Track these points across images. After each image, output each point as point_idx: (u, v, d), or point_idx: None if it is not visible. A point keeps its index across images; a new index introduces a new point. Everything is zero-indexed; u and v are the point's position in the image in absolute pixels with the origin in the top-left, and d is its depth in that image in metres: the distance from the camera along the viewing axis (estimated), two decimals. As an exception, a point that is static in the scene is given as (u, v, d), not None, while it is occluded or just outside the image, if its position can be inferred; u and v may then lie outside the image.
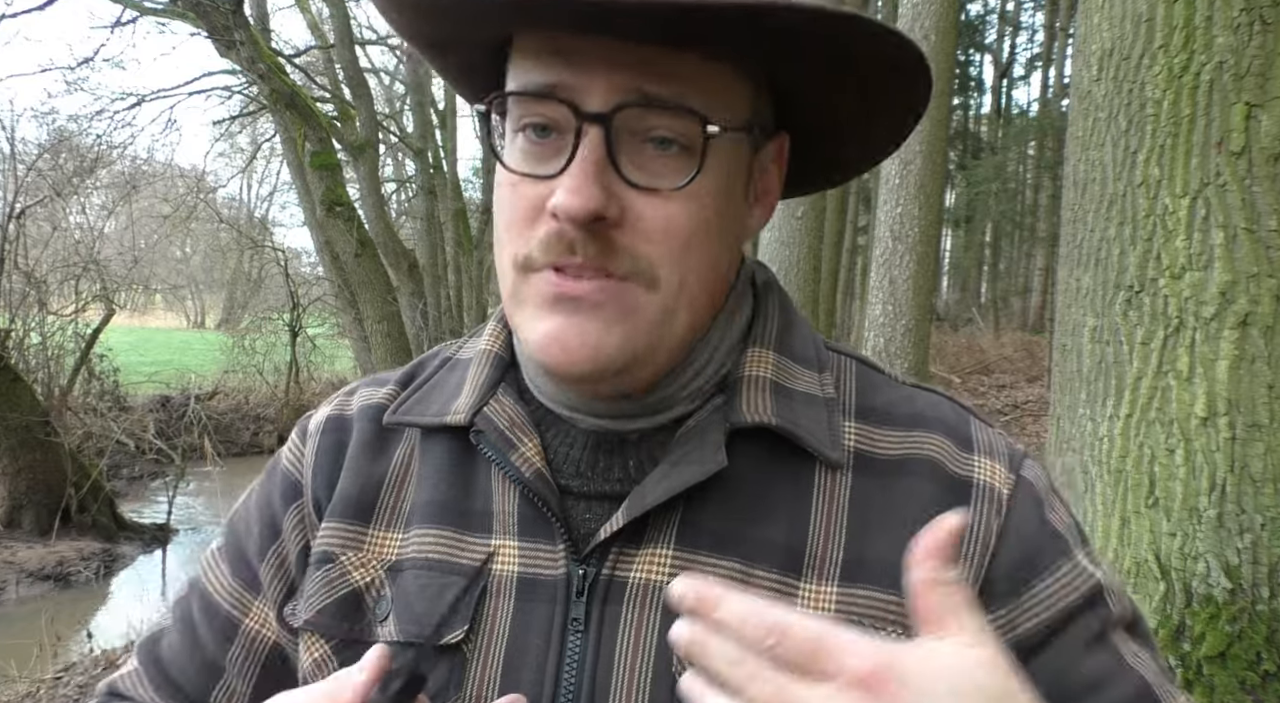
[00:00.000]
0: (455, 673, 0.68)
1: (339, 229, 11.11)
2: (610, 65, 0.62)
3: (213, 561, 0.84)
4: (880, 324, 6.80)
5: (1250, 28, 2.31)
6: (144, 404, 13.10)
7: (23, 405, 8.83)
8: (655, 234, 0.63)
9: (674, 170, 0.63)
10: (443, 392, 0.76)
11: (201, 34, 10.64)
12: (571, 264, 0.63)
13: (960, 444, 0.72)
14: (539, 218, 0.64)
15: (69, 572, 8.48)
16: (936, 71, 4.91)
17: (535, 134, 0.65)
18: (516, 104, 0.66)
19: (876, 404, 0.74)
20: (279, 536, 0.79)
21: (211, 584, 0.82)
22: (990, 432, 0.75)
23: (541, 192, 0.64)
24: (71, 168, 12.36)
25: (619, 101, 0.62)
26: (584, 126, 0.62)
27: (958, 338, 18.79)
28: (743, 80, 0.66)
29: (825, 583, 0.66)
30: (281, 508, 0.80)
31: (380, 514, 0.75)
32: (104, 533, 9.23)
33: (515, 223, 0.66)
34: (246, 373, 16.10)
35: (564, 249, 0.63)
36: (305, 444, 0.81)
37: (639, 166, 0.63)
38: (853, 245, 19.18)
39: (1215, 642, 2.30)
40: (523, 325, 0.67)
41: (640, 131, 0.63)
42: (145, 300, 28.10)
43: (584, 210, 0.61)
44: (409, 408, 0.76)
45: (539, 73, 0.63)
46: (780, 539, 0.67)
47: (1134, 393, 2.48)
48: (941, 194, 7.93)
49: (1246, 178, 2.33)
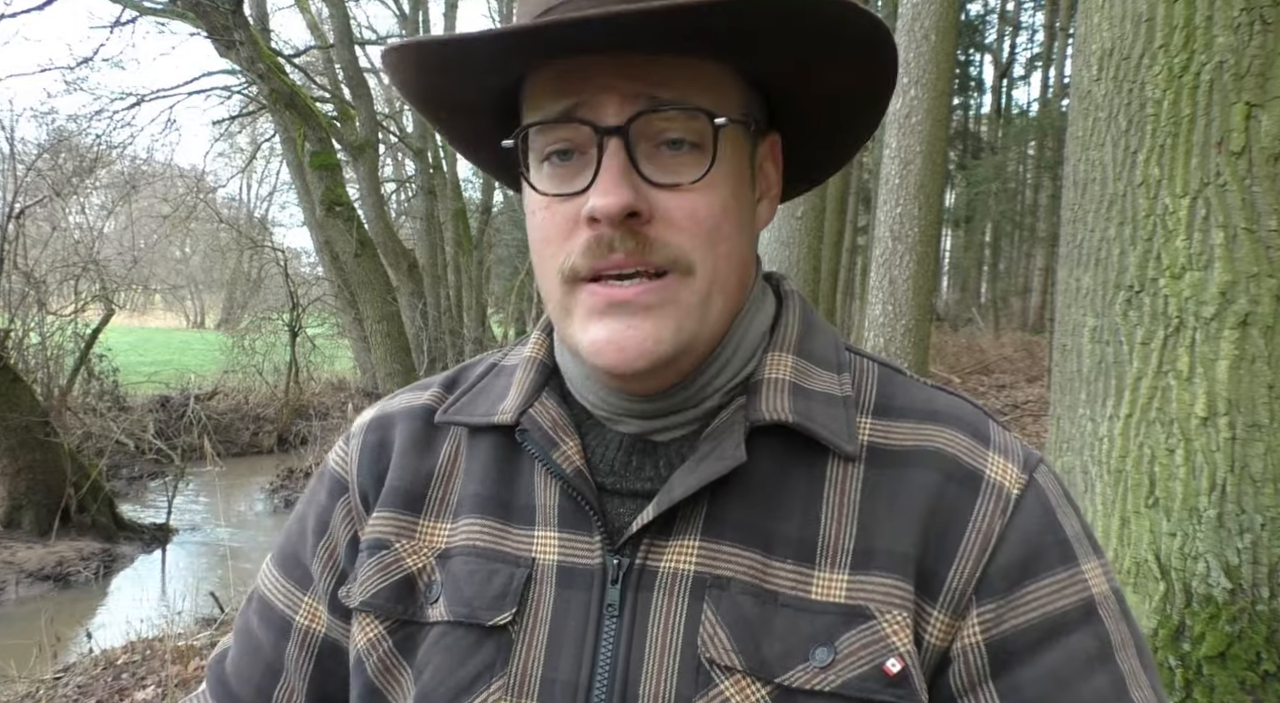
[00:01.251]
0: (502, 653, 0.73)
1: (339, 229, 11.11)
2: (619, 81, 0.68)
3: (267, 569, 0.90)
4: (880, 324, 6.79)
5: (1250, 27, 2.31)
6: (144, 404, 13.09)
7: (22, 405, 8.82)
8: (684, 223, 0.69)
9: (690, 167, 0.69)
10: (490, 395, 0.83)
11: (201, 34, 10.64)
12: (612, 266, 0.69)
13: (977, 440, 0.74)
14: (575, 229, 0.70)
15: (69, 572, 8.47)
16: (937, 72, 4.88)
17: (559, 159, 0.71)
18: (539, 135, 0.71)
19: (895, 403, 0.77)
20: (328, 529, 0.86)
21: (267, 589, 0.89)
22: (1009, 435, 0.77)
23: (574, 206, 0.70)
24: (71, 168, 12.35)
25: (633, 112, 0.67)
26: (604, 140, 0.68)
27: (958, 338, 18.80)
28: (736, 77, 0.72)
29: (837, 571, 0.70)
30: (329, 504, 0.86)
31: (430, 506, 0.81)
32: (104, 533, 9.22)
33: (553, 239, 0.71)
34: (246, 373, 16.08)
35: (604, 250, 0.68)
36: (349, 444, 0.88)
37: (659, 168, 0.69)
38: (853, 245, 19.18)
39: (1215, 642, 2.30)
40: (574, 334, 0.72)
41: (654, 137, 0.69)
42: (145, 300, 28.08)
43: (619, 205, 0.66)
44: (460, 409, 0.82)
45: (555, 102, 0.69)
46: (794, 532, 0.71)
47: (1134, 393, 2.48)
48: (941, 194, 7.93)
49: (1246, 178, 2.33)
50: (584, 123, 0.68)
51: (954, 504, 0.71)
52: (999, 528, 0.70)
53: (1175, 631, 2.36)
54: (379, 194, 13.46)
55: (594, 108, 0.68)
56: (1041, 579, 0.69)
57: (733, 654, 0.68)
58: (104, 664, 5.07)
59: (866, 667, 0.67)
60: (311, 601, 0.86)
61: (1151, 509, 2.43)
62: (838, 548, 0.70)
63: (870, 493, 0.72)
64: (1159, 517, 2.42)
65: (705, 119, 0.68)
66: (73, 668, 5.16)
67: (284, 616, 0.86)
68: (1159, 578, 2.40)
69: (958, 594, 0.69)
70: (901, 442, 0.74)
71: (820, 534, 0.71)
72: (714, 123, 0.68)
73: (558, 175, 0.71)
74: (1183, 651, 2.33)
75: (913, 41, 6.60)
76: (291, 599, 0.87)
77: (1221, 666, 2.29)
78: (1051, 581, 0.69)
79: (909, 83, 6.60)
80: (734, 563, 0.70)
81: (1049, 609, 0.69)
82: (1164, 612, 2.38)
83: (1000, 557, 0.69)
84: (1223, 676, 2.28)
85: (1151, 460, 2.44)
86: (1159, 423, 2.43)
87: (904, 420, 0.75)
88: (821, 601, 0.69)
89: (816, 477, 0.73)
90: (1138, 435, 2.47)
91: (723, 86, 0.71)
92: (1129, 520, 2.47)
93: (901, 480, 0.72)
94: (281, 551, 0.90)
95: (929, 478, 0.72)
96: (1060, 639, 0.68)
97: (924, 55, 6.57)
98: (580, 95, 0.68)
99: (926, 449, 0.73)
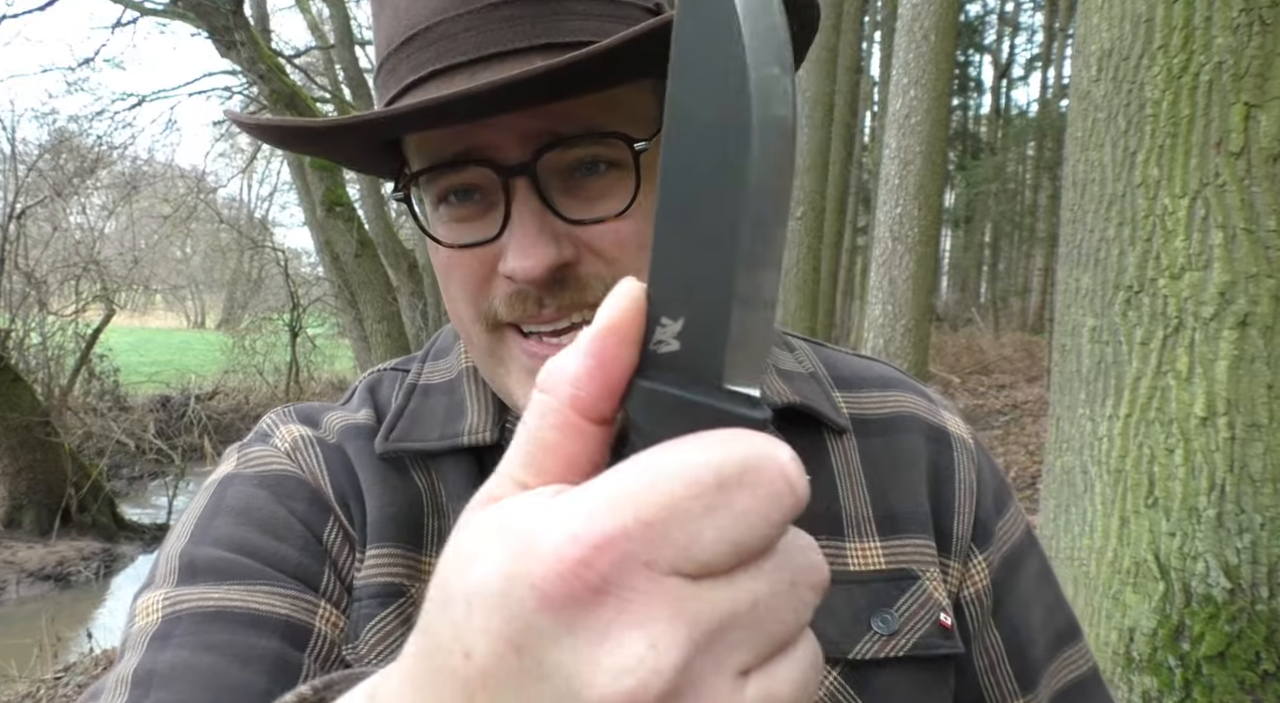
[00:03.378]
0: None
1: (339, 229, 11.11)
2: (516, 121, 0.59)
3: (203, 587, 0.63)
4: (880, 324, 6.80)
5: (1249, 28, 2.31)
6: (144, 404, 13.10)
7: (23, 405, 8.83)
8: (614, 252, 0.62)
9: (611, 192, 0.62)
10: (432, 416, 0.72)
11: (202, 34, 10.65)
12: (544, 321, 0.62)
13: (926, 399, 0.80)
14: (491, 277, 0.63)
15: (69, 572, 8.47)
16: (936, 72, 4.87)
17: (458, 199, 0.63)
18: (432, 178, 0.63)
19: (846, 374, 0.80)
20: (323, 543, 0.67)
21: (235, 603, 0.62)
22: (932, 389, 0.84)
23: (484, 256, 0.62)
24: (72, 168, 12.35)
25: (536, 146, 0.60)
26: (511, 182, 0.60)
27: (957, 338, 18.79)
28: (642, 89, 0.64)
29: (868, 539, 0.71)
30: (307, 512, 0.68)
31: (429, 540, 0.70)
32: (104, 533, 9.23)
33: (470, 287, 0.64)
34: (246, 373, 16.09)
35: (531, 305, 0.62)
36: (297, 454, 0.71)
37: (577, 200, 0.61)
38: (852, 245, 19.17)
39: (1215, 642, 2.30)
40: (510, 388, 0.66)
41: (565, 166, 0.61)
42: (145, 301, 28.09)
43: (541, 269, 0.59)
44: (403, 433, 0.71)
45: (446, 143, 0.61)
46: (819, 509, 0.72)
47: (1133, 393, 2.49)
48: (941, 194, 7.93)
49: (1245, 178, 2.33)
50: (483, 164, 0.60)
51: (941, 462, 0.76)
52: (975, 476, 0.76)
53: (1175, 630, 2.36)
54: (379, 194, 13.46)
55: (492, 148, 0.60)
56: (1004, 516, 0.77)
57: None
58: (105, 664, 5.08)
59: (927, 625, 0.69)
60: (329, 606, 0.65)
61: (1151, 509, 2.44)
62: (860, 517, 0.72)
63: (871, 461, 0.74)
64: (1158, 517, 2.42)
65: (623, 145, 0.61)
66: (73, 668, 5.17)
67: (285, 621, 0.62)
68: (1158, 578, 2.40)
69: (963, 542, 0.74)
70: (877, 411, 0.77)
71: (842, 506, 0.72)
72: (634, 148, 0.61)
73: (461, 219, 0.63)
74: (1182, 650, 2.34)
75: (912, 42, 6.60)
76: (294, 603, 0.63)
77: (1221, 665, 2.29)
78: (1009, 515, 0.78)
79: (909, 83, 6.60)
80: None
81: (1013, 540, 0.77)
82: (1163, 612, 2.38)
83: (982, 502, 0.76)
84: (1222, 675, 2.28)
85: (1151, 460, 2.44)
86: (1158, 423, 2.43)
87: (866, 390, 0.79)
88: (862, 570, 0.70)
89: (818, 452, 0.73)
90: (1137, 435, 2.47)
91: (636, 103, 0.63)
92: (1128, 520, 2.48)
93: (896, 447, 0.75)
94: (222, 562, 0.64)
95: (915, 441, 0.76)
96: (1023, 565, 0.77)
97: (924, 56, 6.58)
98: (475, 135, 0.60)
99: (902, 415, 0.77)
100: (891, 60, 7.02)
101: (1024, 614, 0.76)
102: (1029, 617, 0.76)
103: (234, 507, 0.67)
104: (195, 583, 0.63)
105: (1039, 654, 0.76)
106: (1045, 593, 0.79)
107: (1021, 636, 0.76)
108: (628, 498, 0.28)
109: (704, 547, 0.28)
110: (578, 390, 0.31)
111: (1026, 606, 0.77)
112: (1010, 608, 0.76)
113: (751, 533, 0.28)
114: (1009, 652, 0.75)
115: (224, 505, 0.68)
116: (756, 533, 0.28)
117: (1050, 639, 0.78)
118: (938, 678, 0.69)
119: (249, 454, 0.71)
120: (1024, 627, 0.76)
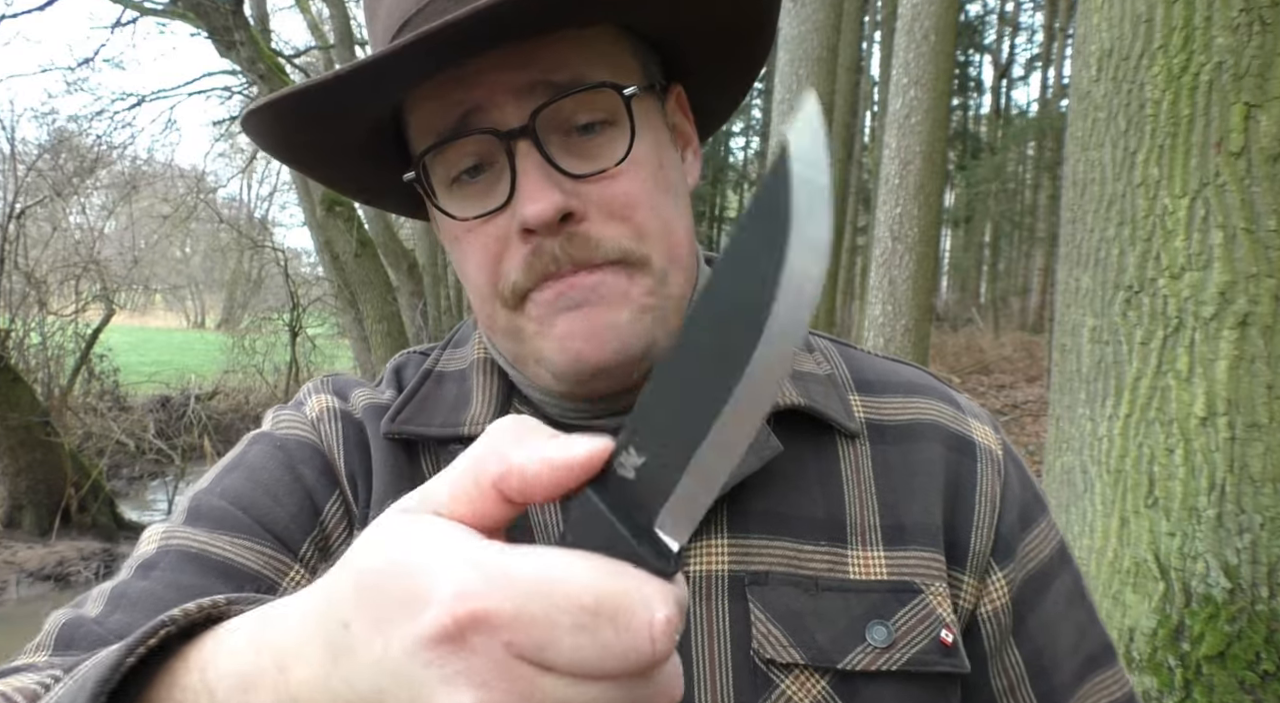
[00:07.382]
0: None
1: (339, 229, 11.11)
2: (508, 73, 0.63)
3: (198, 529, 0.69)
4: (880, 324, 6.80)
5: (1249, 28, 2.31)
6: (144, 404, 13.09)
7: (23, 405, 8.83)
8: (622, 212, 0.65)
9: (610, 147, 0.65)
10: (441, 403, 0.74)
11: (201, 34, 10.64)
12: (560, 275, 0.64)
13: (954, 407, 0.77)
14: (507, 248, 0.65)
15: (69, 572, 8.47)
16: (936, 72, 4.88)
17: (469, 177, 0.66)
18: (439, 160, 0.66)
19: (869, 377, 0.78)
20: (319, 513, 0.71)
21: (215, 549, 0.68)
22: (965, 397, 0.81)
23: (499, 224, 0.65)
24: (71, 168, 12.35)
25: (533, 106, 0.63)
26: (512, 145, 0.63)
27: (957, 338, 18.80)
28: (623, 41, 0.68)
29: (871, 548, 0.70)
30: (316, 480, 0.72)
31: None
32: (104, 533, 9.22)
33: (485, 263, 0.67)
34: (246, 373, 16.08)
35: (546, 263, 0.64)
36: (320, 425, 0.75)
37: (578, 157, 0.65)
38: (853, 245, 19.17)
39: (1214, 642, 2.30)
40: (532, 342, 0.67)
41: (563, 126, 0.64)
42: (145, 300, 28.08)
43: (552, 209, 0.62)
44: (409, 418, 0.73)
45: (444, 117, 0.64)
46: (821, 514, 0.70)
47: (1133, 393, 2.48)
48: (941, 194, 7.93)
49: (1245, 178, 2.33)
50: (484, 131, 0.63)
51: (962, 473, 0.73)
52: (999, 490, 0.74)
53: (1175, 630, 2.36)
54: (379, 194, 13.46)
55: (490, 112, 0.63)
56: (1032, 531, 0.75)
57: (792, 650, 0.65)
58: (104, 664, 5.08)
59: (925, 641, 0.67)
60: (300, 569, 0.69)
61: (1151, 509, 2.44)
62: (866, 525, 0.70)
63: (883, 469, 0.72)
64: (1158, 517, 2.42)
65: (612, 93, 0.64)
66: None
67: (254, 575, 0.67)
68: (1158, 578, 2.40)
69: (981, 558, 0.72)
70: (896, 417, 0.75)
71: (846, 513, 0.70)
72: (623, 95, 0.64)
73: (471, 195, 0.66)
74: (1182, 650, 2.34)
75: (912, 42, 6.60)
76: (268, 561, 0.68)
77: (1221, 665, 2.29)
78: (1038, 531, 0.75)
79: (909, 83, 6.60)
80: (767, 555, 0.68)
81: (1041, 558, 0.74)
82: (1163, 612, 2.38)
83: (1006, 517, 0.73)
84: (1222, 675, 2.28)
85: (1151, 460, 2.44)
86: (1158, 423, 2.43)
87: (889, 395, 0.76)
88: (863, 579, 0.68)
89: (828, 457, 0.72)
90: (1137, 435, 2.47)
91: (618, 53, 0.67)
92: (1128, 520, 2.48)
93: (912, 455, 0.73)
94: (226, 511, 0.70)
95: (934, 451, 0.73)
96: (1051, 584, 0.74)
97: (924, 55, 6.57)
98: (470, 102, 0.63)
99: (923, 422, 0.75)
100: (891, 60, 7.02)
101: (1050, 635, 0.73)
102: (1056, 638, 0.74)
103: (250, 464, 0.73)
104: (193, 525, 0.70)
105: (1065, 678, 0.74)
106: (1076, 614, 0.75)
107: (1045, 658, 0.73)
108: (519, 586, 0.33)
109: (559, 653, 0.33)
110: (512, 481, 0.37)
111: (1053, 626, 0.74)
112: (1033, 628, 0.73)
113: (600, 663, 0.33)
114: (1031, 674, 0.73)
115: (243, 461, 0.74)
116: (604, 665, 0.33)
117: (1081, 663, 0.75)
118: (934, 697, 0.67)
119: (281, 417, 0.77)
120: (1049, 648, 0.73)
